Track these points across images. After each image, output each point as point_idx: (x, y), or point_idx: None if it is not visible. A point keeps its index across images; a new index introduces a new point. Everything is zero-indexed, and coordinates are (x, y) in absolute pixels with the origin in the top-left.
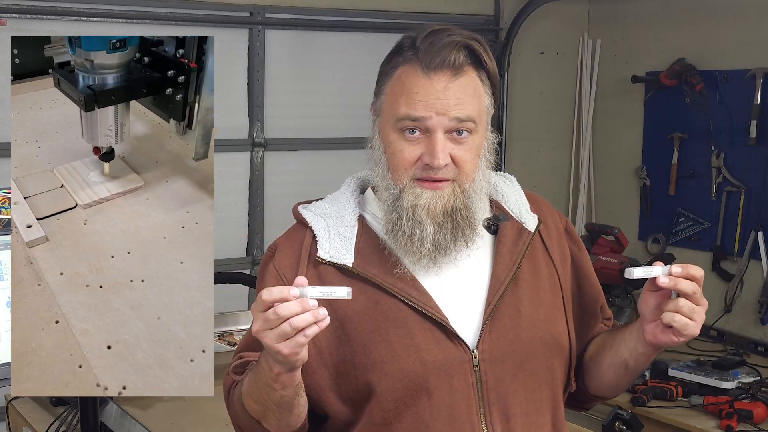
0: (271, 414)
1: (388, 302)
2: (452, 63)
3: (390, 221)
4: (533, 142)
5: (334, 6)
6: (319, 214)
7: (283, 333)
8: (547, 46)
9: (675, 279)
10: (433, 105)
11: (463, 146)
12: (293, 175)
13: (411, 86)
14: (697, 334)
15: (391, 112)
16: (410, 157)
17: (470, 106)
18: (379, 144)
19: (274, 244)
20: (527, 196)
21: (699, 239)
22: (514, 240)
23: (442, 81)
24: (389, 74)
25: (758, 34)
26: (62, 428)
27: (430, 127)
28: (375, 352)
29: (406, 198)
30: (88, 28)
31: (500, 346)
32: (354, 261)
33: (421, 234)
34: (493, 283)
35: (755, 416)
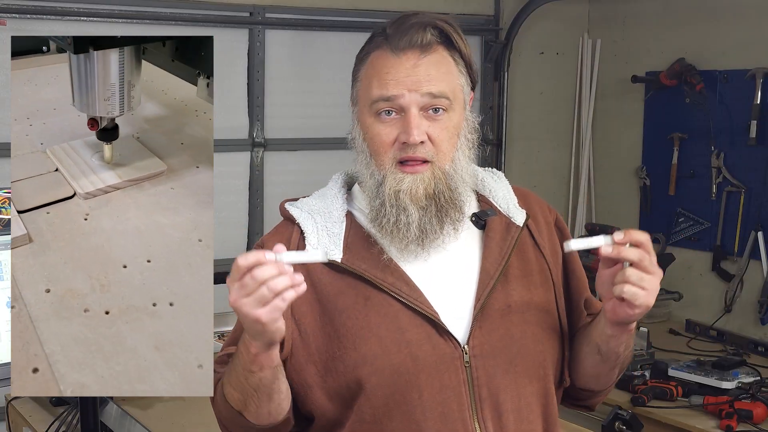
0: (251, 401)
1: (378, 297)
2: (420, 42)
3: (374, 209)
4: (533, 142)
5: (334, 6)
6: (306, 211)
7: (262, 297)
8: (547, 46)
9: (618, 247)
10: (403, 82)
11: (438, 123)
12: (293, 175)
13: (381, 68)
14: (651, 304)
15: (365, 96)
16: (387, 139)
17: (442, 83)
18: (359, 132)
19: (261, 241)
20: (516, 191)
21: (699, 239)
22: (503, 235)
23: (411, 59)
24: (362, 61)
25: (758, 34)
26: (62, 428)
27: (403, 105)
28: (365, 347)
29: (388, 184)
30: (88, 28)
31: (491, 341)
32: (343, 256)
33: (406, 219)
34: (483, 278)
35: (755, 416)
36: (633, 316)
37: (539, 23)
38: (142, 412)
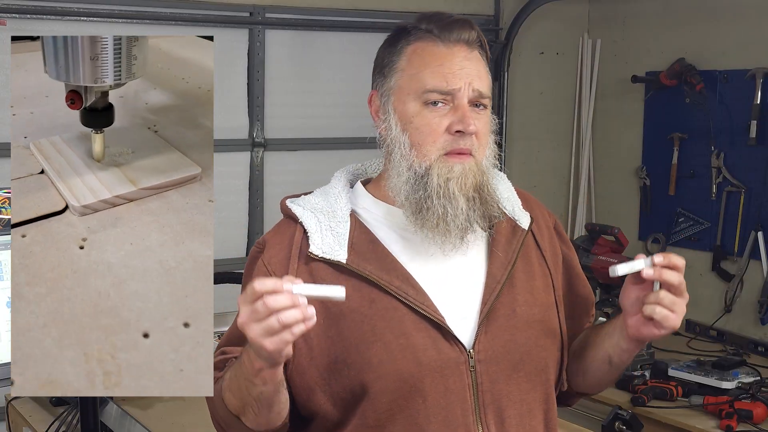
0: (250, 409)
1: (384, 300)
2: (467, 39)
3: (414, 201)
4: (533, 142)
5: (334, 6)
6: (309, 209)
7: (270, 328)
8: (547, 46)
9: (659, 270)
10: (458, 75)
11: (481, 119)
12: (293, 175)
13: (433, 59)
14: (678, 327)
15: (414, 86)
16: (438, 128)
17: (485, 81)
18: (396, 123)
19: (262, 240)
20: (518, 193)
21: (699, 239)
22: (509, 238)
23: (462, 52)
24: (400, 53)
25: (758, 34)
26: (62, 428)
27: (457, 97)
28: (370, 352)
29: (435, 173)
30: (88, 28)
31: (496, 346)
32: (348, 257)
33: (454, 211)
34: (489, 282)
35: (755, 416)
36: (657, 335)
37: (539, 23)
38: (142, 412)
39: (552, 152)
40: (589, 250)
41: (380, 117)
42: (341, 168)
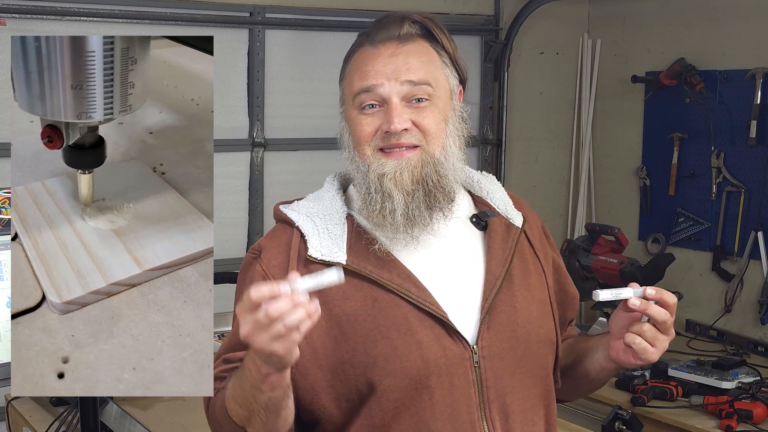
0: (257, 418)
1: (387, 299)
2: (398, 35)
3: (362, 196)
4: (533, 142)
5: (333, 6)
6: (304, 213)
7: (277, 334)
8: (547, 46)
9: (646, 303)
10: (382, 72)
11: (423, 112)
12: (293, 175)
13: (361, 62)
14: (655, 360)
15: (349, 92)
16: (369, 129)
17: (422, 71)
18: (345, 128)
19: (258, 245)
20: (508, 195)
21: (699, 239)
22: (504, 236)
23: (390, 49)
24: (346, 62)
25: (758, 34)
26: (62, 428)
27: (384, 95)
28: (376, 350)
29: (371, 169)
30: (88, 28)
31: (499, 342)
32: (347, 258)
33: (392, 206)
34: (488, 278)
35: (755, 416)
36: (633, 365)
37: (539, 23)
38: (142, 412)
39: (552, 152)
40: (589, 250)
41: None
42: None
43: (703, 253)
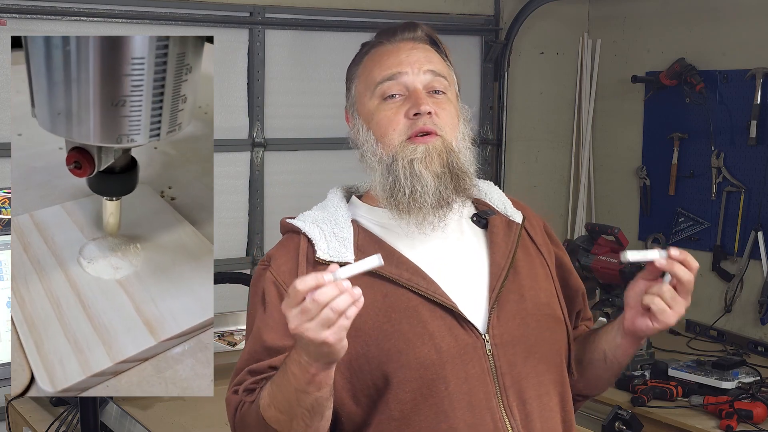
0: (300, 421)
1: (397, 293)
2: (412, 36)
3: (387, 187)
4: (533, 142)
5: (333, 6)
6: (310, 221)
7: (327, 319)
8: (547, 46)
9: (671, 262)
10: (405, 61)
11: (441, 103)
12: (293, 175)
13: (380, 57)
14: (673, 324)
15: (367, 85)
16: (396, 117)
17: (439, 64)
18: (362, 125)
19: (268, 256)
20: (508, 198)
21: (699, 239)
22: (506, 231)
23: (408, 44)
24: (357, 65)
25: (758, 34)
26: (62, 428)
27: (408, 84)
28: (389, 343)
29: (400, 157)
30: (88, 28)
31: (510, 330)
32: (355, 258)
33: (422, 189)
34: (494, 269)
35: (755, 416)
36: (651, 330)
37: (539, 23)
38: (142, 412)
39: (552, 152)
40: (589, 250)
41: (351, 125)
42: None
43: (703, 253)
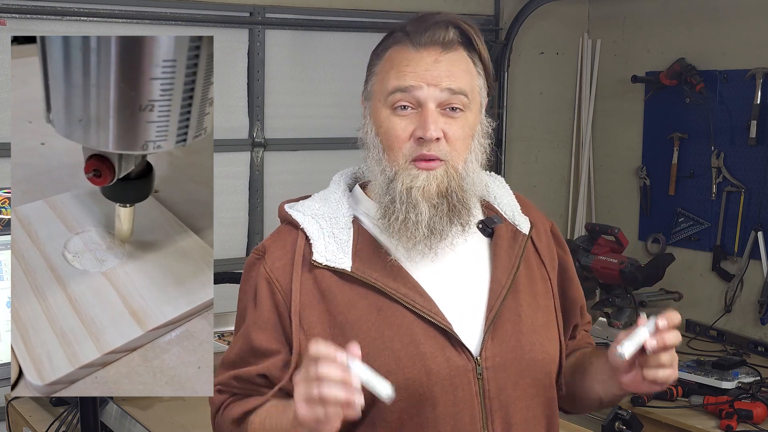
0: None
1: (392, 308)
2: (442, 39)
3: (383, 205)
4: (533, 142)
5: (333, 6)
6: (310, 215)
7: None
8: (547, 46)
9: (663, 339)
10: (423, 76)
11: (456, 122)
12: (293, 175)
13: (400, 61)
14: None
15: (382, 89)
16: (403, 134)
17: (462, 80)
18: (371, 127)
19: (262, 246)
20: (517, 198)
21: (699, 239)
22: (510, 243)
23: (433, 54)
24: (379, 56)
25: (758, 34)
26: (62, 428)
27: (420, 99)
28: (379, 361)
29: (400, 180)
30: (88, 28)
31: (503, 353)
32: (352, 265)
33: (416, 218)
34: (494, 287)
35: (755, 416)
36: (657, 390)
37: (539, 23)
38: (142, 412)
39: (552, 152)
40: (589, 250)
41: (363, 118)
42: (339, 171)
43: (703, 253)
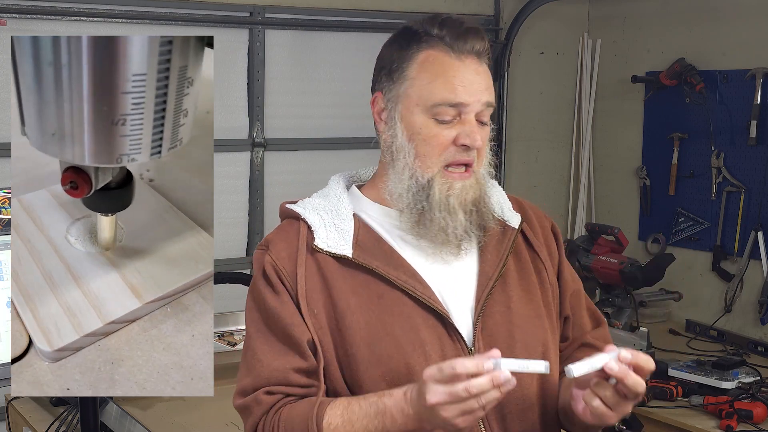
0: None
1: (392, 295)
2: (479, 50)
3: (416, 213)
4: (533, 142)
5: (334, 6)
6: (311, 209)
7: (470, 409)
8: (547, 46)
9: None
10: (470, 90)
11: (484, 132)
12: (293, 175)
13: (444, 69)
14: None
15: (423, 97)
16: (446, 141)
17: (492, 93)
18: (402, 131)
19: (266, 240)
20: (510, 198)
21: (699, 239)
22: (499, 239)
23: (472, 65)
24: (410, 59)
25: (758, 34)
26: (62, 428)
27: (465, 111)
28: (379, 346)
29: (437, 188)
30: (88, 28)
31: (495, 343)
32: (353, 252)
33: (454, 224)
34: (481, 280)
35: (755, 416)
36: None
37: (539, 23)
38: (142, 412)
39: (552, 152)
40: (589, 250)
41: (384, 122)
42: (342, 169)
43: (703, 253)
